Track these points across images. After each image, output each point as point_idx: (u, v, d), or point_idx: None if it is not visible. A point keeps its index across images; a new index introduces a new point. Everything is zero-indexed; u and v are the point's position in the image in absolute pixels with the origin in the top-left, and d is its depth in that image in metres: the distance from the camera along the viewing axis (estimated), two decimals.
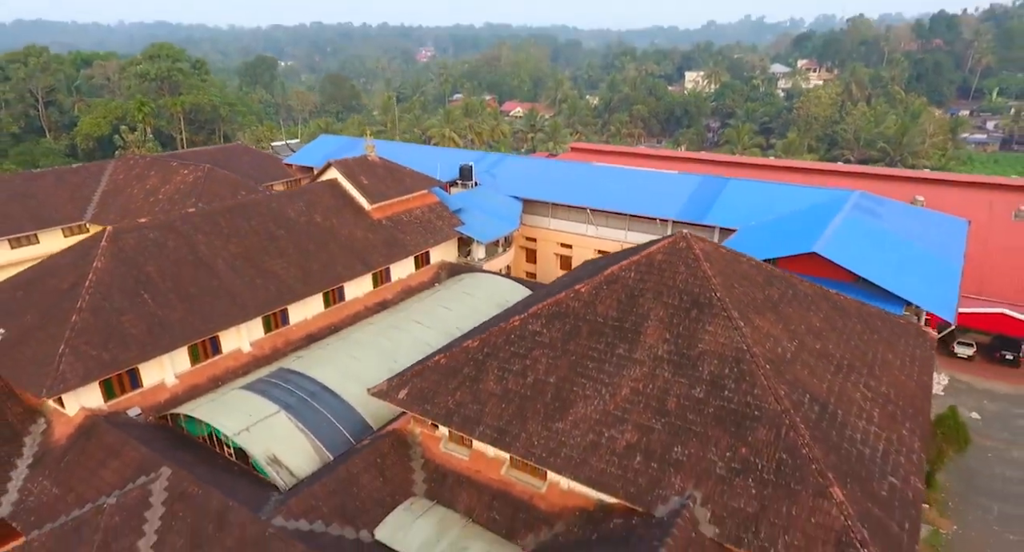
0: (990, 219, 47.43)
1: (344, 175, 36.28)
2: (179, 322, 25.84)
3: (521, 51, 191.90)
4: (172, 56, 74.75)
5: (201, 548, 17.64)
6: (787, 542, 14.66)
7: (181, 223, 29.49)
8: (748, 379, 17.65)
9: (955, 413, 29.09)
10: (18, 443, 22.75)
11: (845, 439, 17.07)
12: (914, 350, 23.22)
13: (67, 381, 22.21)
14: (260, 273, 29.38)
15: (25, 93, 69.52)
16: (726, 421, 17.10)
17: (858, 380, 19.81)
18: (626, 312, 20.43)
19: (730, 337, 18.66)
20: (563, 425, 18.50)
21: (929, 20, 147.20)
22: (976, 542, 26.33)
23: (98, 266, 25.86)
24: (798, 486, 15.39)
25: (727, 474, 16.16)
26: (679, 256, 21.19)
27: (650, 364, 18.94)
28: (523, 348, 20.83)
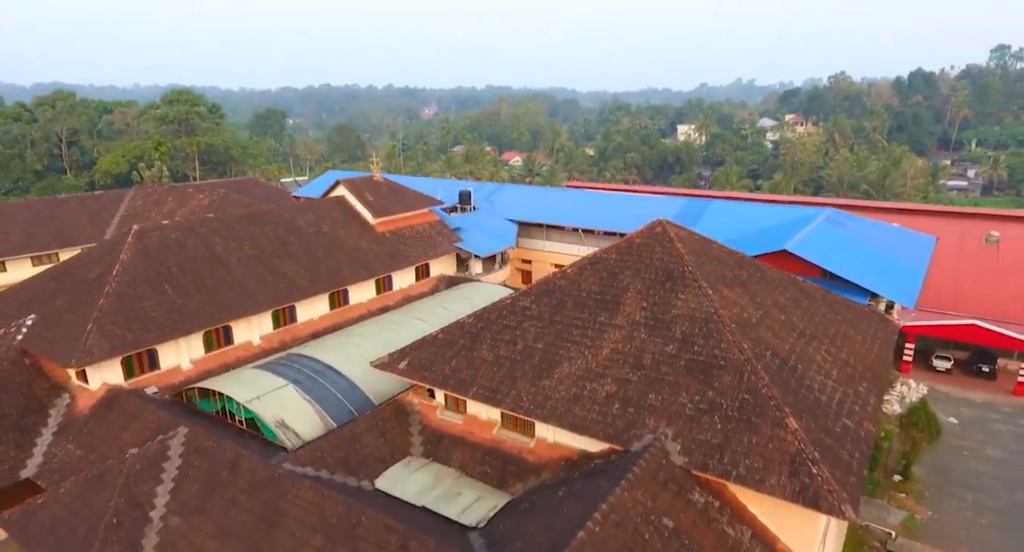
0: (962, 244, 49.91)
1: (351, 192, 38.97)
2: (196, 310, 27.84)
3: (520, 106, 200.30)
4: (190, 100, 79.53)
5: (215, 491, 19.10)
6: (748, 465, 16.28)
7: (200, 226, 31.90)
8: (715, 336, 19.58)
9: (925, 405, 30.60)
10: (44, 414, 24.35)
11: (803, 387, 18.86)
12: (876, 330, 25.17)
13: (93, 354, 24.06)
14: (271, 272, 31.55)
15: (51, 134, 73.58)
16: (695, 371, 18.93)
17: (819, 346, 21.71)
18: (607, 287, 22.52)
19: (700, 303, 20.69)
20: (549, 382, 20.28)
21: (908, 77, 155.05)
22: (950, 526, 27.38)
23: (124, 259, 28.07)
24: (758, 420, 17.11)
25: (695, 413, 17.88)
26: (656, 239, 23.44)
27: (628, 328, 20.89)
28: (514, 321, 22.81)
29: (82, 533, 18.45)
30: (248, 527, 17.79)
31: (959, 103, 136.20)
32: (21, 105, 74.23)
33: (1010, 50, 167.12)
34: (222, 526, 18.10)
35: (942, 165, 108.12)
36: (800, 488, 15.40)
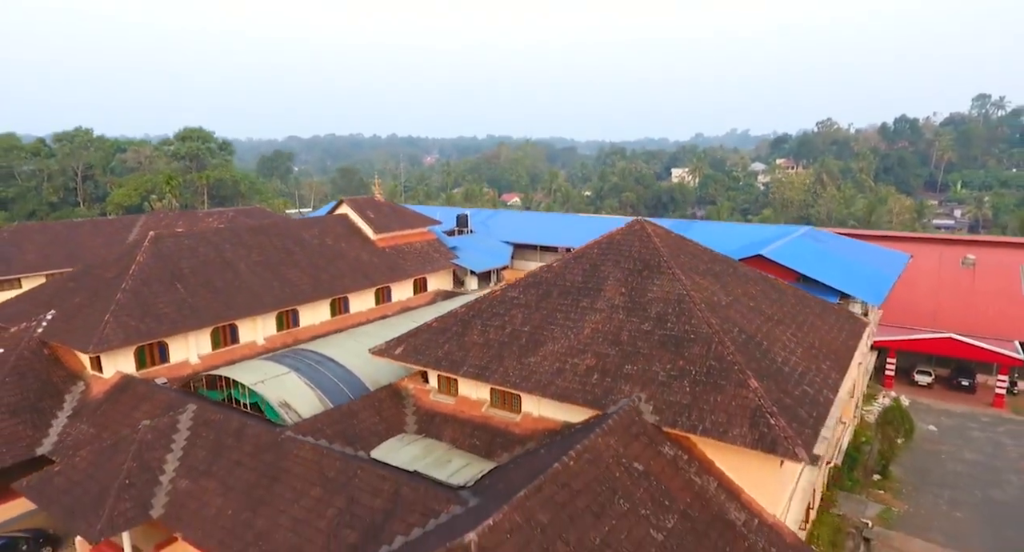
0: (940, 266, 51.88)
1: (353, 210, 41.25)
2: (205, 307, 29.59)
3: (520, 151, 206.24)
4: (202, 137, 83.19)
5: (221, 455, 20.48)
6: (713, 420, 17.78)
7: (212, 235, 33.96)
8: (687, 314, 21.30)
9: (899, 404, 31.91)
10: (60, 399, 25.78)
11: (767, 359, 20.46)
12: (843, 324, 26.86)
13: (110, 341, 25.71)
14: (277, 277, 33.43)
15: (67, 168, 76.82)
16: (668, 344, 20.58)
17: (786, 330, 23.38)
18: (590, 277, 24.36)
19: (673, 287, 22.50)
20: (535, 359, 21.89)
21: (893, 122, 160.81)
22: (926, 518, 28.30)
23: (140, 260, 30.01)
24: (723, 382, 18.68)
25: (667, 379, 19.46)
26: (635, 235, 25.42)
27: (608, 311, 22.62)
28: (503, 309, 24.56)
29: (95, 493, 19.72)
30: (251, 484, 19.12)
31: (943, 147, 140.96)
32: (41, 141, 77.71)
33: (990, 99, 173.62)
34: (227, 484, 19.43)
35: (928, 203, 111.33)
36: (759, 436, 16.87)
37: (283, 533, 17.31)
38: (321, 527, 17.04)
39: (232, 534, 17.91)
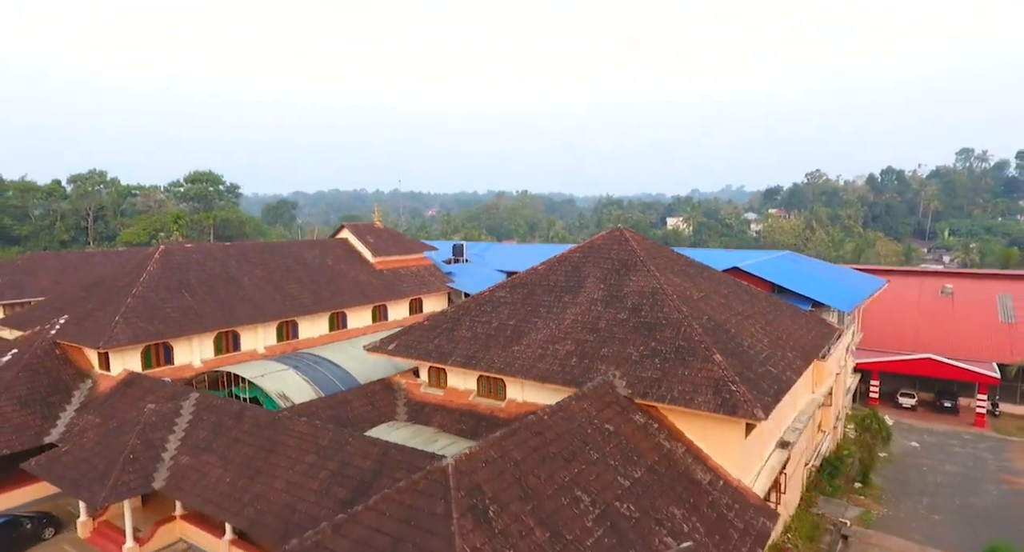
0: (920, 296, 53.57)
1: (353, 234, 43.36)
2: (210, 314, 31.18)
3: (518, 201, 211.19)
4: (211, 180, 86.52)
5: (221, 434, 21.68)
6: (680, 390, 19.17)
7: (218, 252, 35.90)
8: (659, 304, 22.92)
9: (875, 411, 32.95)
10: (68, 394, 27.04)
11: (734, 342, 21.94)
12: (813, 325, 28.38)
13: (118, 339, 27.22)
14: (279, 291, 35.14)
15: (80, 208, 79.73)
16: (641, 329, 22.12)
17: (755, 324, 24.91)
18: (571, 276, 26.10)
19: (648, 281, 24.19)
20: (519, 348, 23.38)
21: (880, 174, 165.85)
22: (904, 520, 28.96)
23: (150, 270, 31.82)
24: (691, 358, 20.13)
25: (639, 359, 20.91)
26: (614, 240, 27.30)
27: (587, 304, 24.26)
28: (490, 307, 26.19)
29: (101, 468, 20.86)
30: (249, 457, 20.28)
31: (929, 196, 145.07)
32: (57, 182, 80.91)
33: (974, 153, 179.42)
34: (226, 458, 20.58)
35: (915, 247, 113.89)
36: (721, 402, 18.23)
37: (278, 494, 18.40)
38: (314, 487, 18.15)
39: (230, 498, 18.99)
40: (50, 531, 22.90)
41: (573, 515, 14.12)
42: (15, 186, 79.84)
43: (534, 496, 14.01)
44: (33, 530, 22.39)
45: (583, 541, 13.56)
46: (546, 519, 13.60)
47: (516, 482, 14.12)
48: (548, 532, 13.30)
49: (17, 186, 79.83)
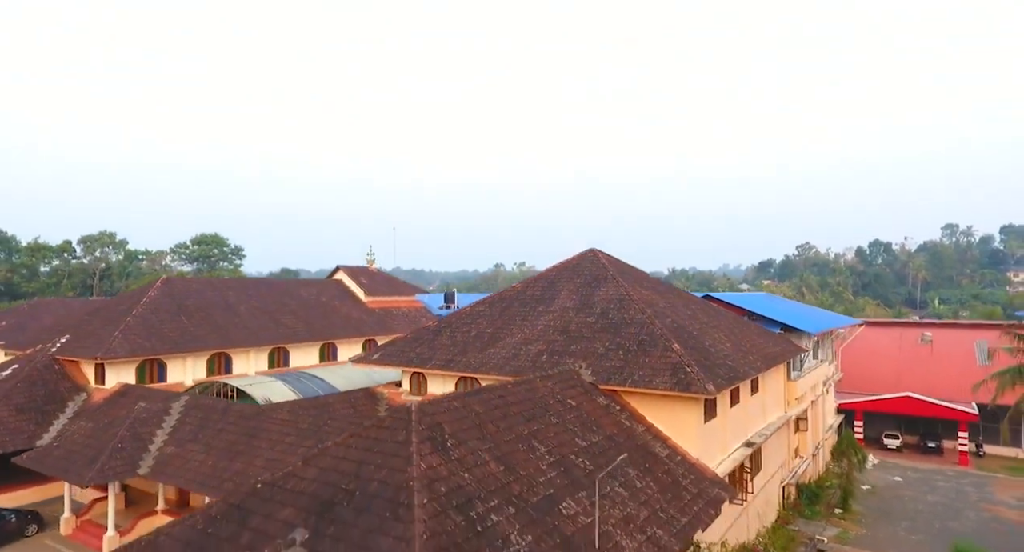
0: (901, 344, 54.77)
1: (348, 275, 45.35)
2: (204, 336, 32.62)
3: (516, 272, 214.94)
4: (216, 242, 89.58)
5: (206, 427, 22.71)
6: (640, 375, 20.47)
7: (218, 283, 37.82)
8: (626, 308, 24.50)
9: (850, 435, 33.53)
10: (63, 404, 28.06)
11: (696, 342, 23.33)
12: (778, 342, 29.72)
13: (115, 352, 28.59)
14: (273, 321, 36.67)
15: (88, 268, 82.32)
16: (608, 329, 23.60)
17: (718, 333, 26.33)
18: (546, 290, 27.82)
19: (617, 291, 25.88)
20: (494, 350, 24.75)
21: (868, 246, 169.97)
22: (882, 540, 28.98)
23: (151, 295, 33.58)
24: (652, 349, 21.53)
25: (604, 352, 22.30)
26: (588, 260, 29.20)
27: (560, 311, 25.85)
28: (470, 319, 27.74)
29: (90, 456, 21.80)
30: (232, 442, 21.29)
31: (917, 267, 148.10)
32: (68, 242, 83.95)
33: (959, 228, 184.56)
34: (210, 445, 21.57)
35: (905, 312, 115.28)
36: (677, 381, 19.51)
37: (257, 470, 19.29)
38: (292, 462, 19.05)
39: (211, 477, 19.85)
40: (33, 528, 23.33)
41: (528, 459, 15.19)
42: (28, 247, 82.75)
43: (492, 439, 15.15)
44: (17, 526, 22.85)
45: (536, 478, 14.57)
46: (502, 457, 14.69)
47: (476, 427, 15.30)
48: (503, 466, 14.37)
49: (30, 247, 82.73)
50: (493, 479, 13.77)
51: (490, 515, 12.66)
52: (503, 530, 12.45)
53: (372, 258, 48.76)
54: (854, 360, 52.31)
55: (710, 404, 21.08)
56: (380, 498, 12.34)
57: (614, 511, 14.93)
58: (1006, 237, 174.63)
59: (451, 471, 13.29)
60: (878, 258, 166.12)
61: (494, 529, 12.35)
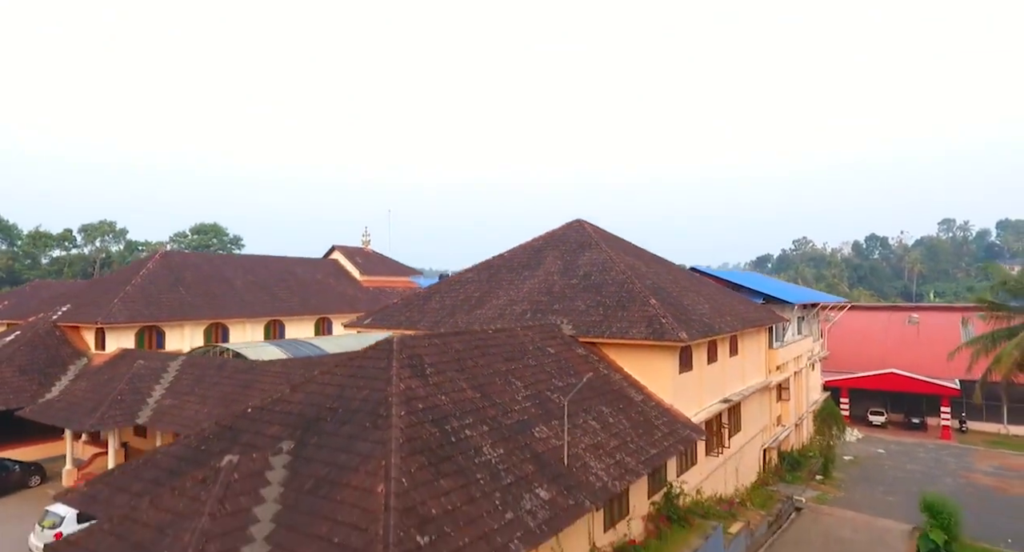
0: (888, 326, 55.64)
1: (344, 255, 46.21)
2: (201, 306, 33.51)
3: None
4: (215, 231, 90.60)
5: (202, 381, 23.59)
6: (618, 327, 21.33)
7: (215, 259, 38.70)
8: (609, 270, 25.36)
9: (830, 402, 34.40)
10: (64, 368, 28.93)
11: (674, 300, 24.17)
12: (758, 309, 30.56)
13: (115, 317, 29.48)
14: (268, 295, 37.54)
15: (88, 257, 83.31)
16: (590, 289, 24.46)
17: (698, 296, 27.17)
18: (532, 258, 28.68)
19: (600, 255, 26.74)
20: (480, 312, 25.62)
21: (865, 240, 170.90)
22: (859, 501, 29.87)
23: (149, 268, 34.45)
24: (630, 305, 22.39)
25: (585, 309, 23.16)
26: (573, 229, 30.06)
27: (544, 275, 26.71)
28: (459, 285, 28.62)
29: (90, 407, 22.69)
30: (226, 394, 22.16)
31: (913, 260, 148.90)
32: (69, 230, 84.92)
33: (955, 223, 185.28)
34: (205, 397, 22.45)
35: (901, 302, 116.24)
36: (652, 330, 20.38)
37: None
38: None
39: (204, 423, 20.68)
40: (36, 479, 24.22)
41: (505, 390, 16.07)
42: (29, 235, 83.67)
43: (470, 372, 16.03)
44: (20, 477, 23.73)
45: (511, 406, 15.45)
46: (479, 387, 15.57)
47: (455, 361, 16.18)
48: (479, 394, 15.25)
49: (31, 235, 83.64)
50: (469, 403, 14.65)
51: (464, 430, 13.54)
52: (476, 442, 13.33)
53: (367, 239, 49.60)
54: (842, 341, 53.19)
55: (686, 357, 21.95)
56: (361, 412, 13.22)
57: (585, 439, 15.80)
58: (1002, 232, 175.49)
59: (428, 393, 14.17)
60: (874, 252, 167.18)
61: (467, 441, 13.23)
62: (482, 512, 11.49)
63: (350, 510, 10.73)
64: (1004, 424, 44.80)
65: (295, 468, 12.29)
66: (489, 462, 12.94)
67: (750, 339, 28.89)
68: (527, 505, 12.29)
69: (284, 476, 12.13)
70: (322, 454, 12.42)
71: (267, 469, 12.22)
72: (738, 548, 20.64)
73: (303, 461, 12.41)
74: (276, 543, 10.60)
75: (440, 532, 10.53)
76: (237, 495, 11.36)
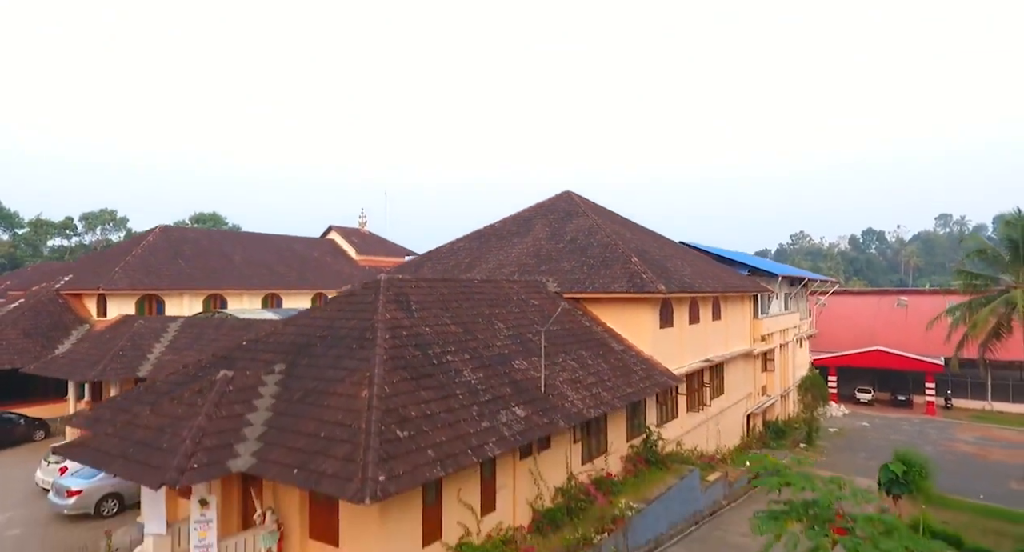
0: (878, 308, 56.49)
1: (340, 235, 47.02)
2: (200, 277, 34.33)
3: None
4: (214, 220, 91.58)
5: (201, 338, 24.43)
6: (600, 283, 22.16)
7: (215, 234, 39.52)
8: (595, 235, 26.18)
9: (815, 373, 35.22)
10: (67, 332, 29.72)
11: (657, 262, 24.99)
12: (743, 278, 31.39)
13: (117, 284, 30.31)
14: (267, 270, 38.37)
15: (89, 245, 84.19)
16: (576, 253, 25.29)
17: (682, 262, 28.00)
18: (522, 226, 29.51)
19: (587, 222, 27.56)
20: (470, 275, 26.42)
21: (862, 234, 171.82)
22: (839, 465, 30.64)
23: (149, 240, 35.29)
24: (613, 263, 23.22)
25: (571, 269, 23.99)
26: (562, 199, 30.88)
27: (533, 241, 27.54)
28: (450, 253, 29.44)
29: (92, 361, 23.53)
30: (224, 345, 22.93)
31: (909, 253, 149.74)
32: (70, 219, 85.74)
33: (952, 218, 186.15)
34: (203, 351, 23.22)
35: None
36: (632, 285, 21.21)
37: None
38: None
39: None
40: (40, 434, 25.06)
41: (487, 329, 16.90)
42: (31, 223, 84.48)
43: (454, 312, 16.86)
44: (25, 430, 24.58)
45: (492, 342, 16.29)
46: (462, 324, 16.40)
47: (439, 301, 17.01)
48: (462, 329, 16.09)
49: (32, 223, 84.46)
50: (452, 335, 15.49)
51: (446, 356, 14.38)
52: (457, 366, 14.17)
53: (364, 220, 50.46)
54: (830, 322, 54.06)
55: (666, 313, 22.80)
56: (348, 338, 14.06)
57: (564, 375, 16.64)
58: (998, 226, 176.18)
59: (413, 324, 15.01)
60: (871, 246, 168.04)
61: (448, 364, 14.07)
62: (460, 419, 12.34)
63: (335, 411, 11.57)
64: (988, 401, 45.63)
65: (286, 384, 13.13)
66: (469, 382, 13.79)
67: (734, 306, 29.72)
68: (503, 418, 13.13)
69: (275, 390, 12.98)
70: (311, 372, 13.26)
71: (260, 385, 13.06)
72: (715, 494, 21.47)
73: (294, 378, 13.26)
74: (267, 441, 11.45)
75: (419, 430, 11.38)
76: (231, 403, 12.21)
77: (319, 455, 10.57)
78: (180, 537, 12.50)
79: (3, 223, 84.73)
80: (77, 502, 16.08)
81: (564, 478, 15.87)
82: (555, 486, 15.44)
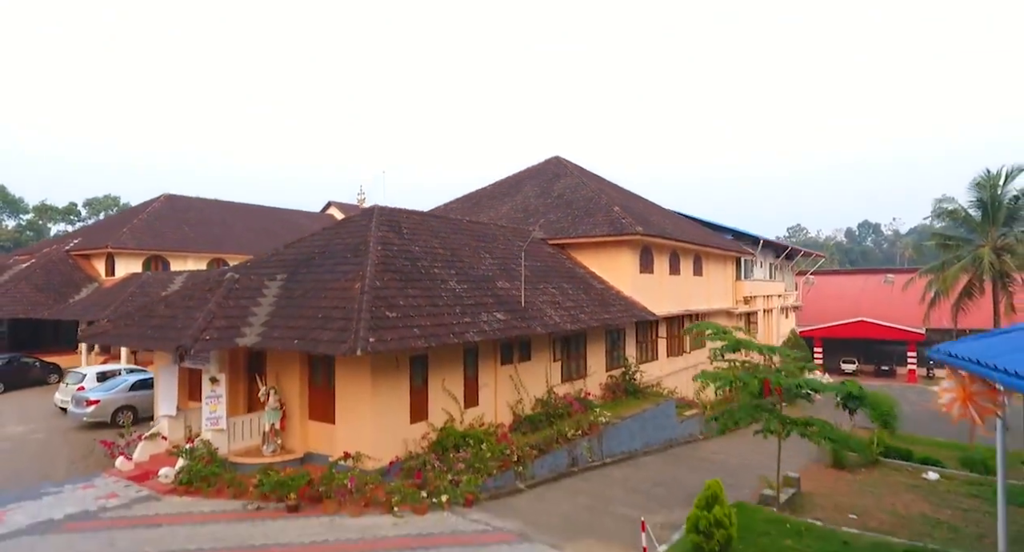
0: (865, 285, 57.83)
1: (339, 210, 48.28)
2: (204, 241, 35.64)
3: None
4: None
5: None
6: (583, 229, 23.46)
7: (217, 205, 40.77)
8: (580, 191, 27.45)
9: (795, 332, 36.49)
10: (78, 289, 31.02)
11: (638, 213, 26.28)
12: (726, 240, 32.69)
13: (125, 244, 31.62)
14: (267, 236, 39.65)
15: None
16: (563, 206, 26.58)
17: (665, 218, 29.26)
18: (512, 188, 30.80)
19: (574, 181, 28.84)
20: None
21: (858, 227, 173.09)
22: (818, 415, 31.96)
23: (154, 207, 36.59)
24: (597, 212, 24.51)
25: (556, 219, 25.30)
26: (552, 164, 32.14)
27: (522, 199, 28.84)
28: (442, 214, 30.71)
29: (103, 307, 24.78)
30: None
31: (905, 245, 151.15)
32: (74, 204, 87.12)
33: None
34: None
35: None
36: (613, 229, 22.51)
37: None
38: None
39: None
40: (54, 377, 26.34)
41: (474, 256, 18.22)
42: (35, 209, 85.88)
43: (443, 239, 18.17)
44: (40, 373, 25.87)
45: (477, 265, 17.61)
46: (450, 248, 17.72)
47: (430, 230, 18.32)
48: (449, 252, 17.41)
49: (37, 208, 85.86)
50: (440, 255, 16.81)
51: (433, 268, 15.70)
52: (443, 277, 15.50)
53: (363, 197, 51.77)
54: (818, 298, 55.39)
55: (647, 259, 24.10)
56: (343, 251, 15.38)
57: (544, 298, 17.95)
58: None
59: (403, 243, 16.33)
60: (867, 238, 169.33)
61: (435, 275, 15.40)
62: (444, 313, 13.67)
63: (331, 300, 12.90)
64: None
65: (287, 286, 14.47)
66: (454, 290, 15.11)
67: (716, 265, 31.02)
68: (484, 318, 14.45)
69: (278, 291, 14.32)
70: (310, 277, 14.59)
71: (264, 287, 14.40)
72: (691, 428, 22.76)
73: (295, 282, 14.59)
74: (271, 325, 12.79)
75: (406, 314, 12.71)
76: (238, 298, 13.55)
77: (317, 329, 11.91)
78: (188, 421, 13.86)
79: (8, 209, 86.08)
80: (95, 411, 17.38)
81: (544, 390, 17.17)
82: (536, 396, 16.75)
